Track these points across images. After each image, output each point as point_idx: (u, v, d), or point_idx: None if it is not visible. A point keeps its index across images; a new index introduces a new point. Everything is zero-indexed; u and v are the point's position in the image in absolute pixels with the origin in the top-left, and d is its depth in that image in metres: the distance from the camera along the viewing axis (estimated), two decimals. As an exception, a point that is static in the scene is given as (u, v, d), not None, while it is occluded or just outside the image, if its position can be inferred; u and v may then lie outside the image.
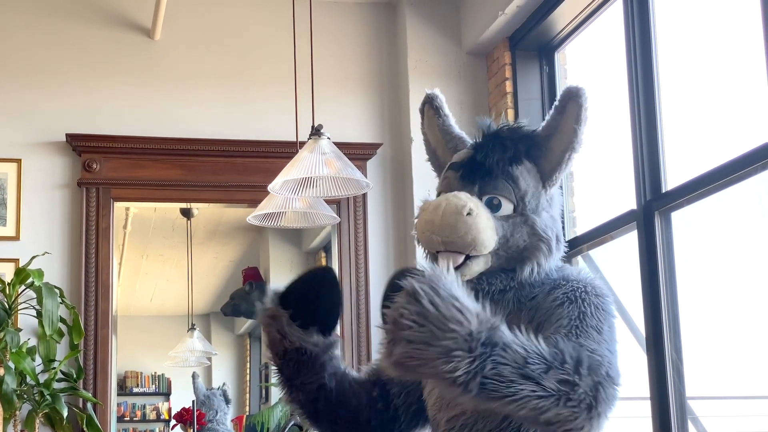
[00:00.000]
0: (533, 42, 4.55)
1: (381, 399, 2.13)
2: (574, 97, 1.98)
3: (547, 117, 2.04)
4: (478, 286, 1.98)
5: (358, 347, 4.64)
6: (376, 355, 4.63)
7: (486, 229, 1.93)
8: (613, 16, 4.07)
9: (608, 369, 1.79)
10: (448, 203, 1.93)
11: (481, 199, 1.97)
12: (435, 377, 1.71)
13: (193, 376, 5.77)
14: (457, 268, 1.93)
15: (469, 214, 1.91)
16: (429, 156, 2.21)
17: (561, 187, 2.12)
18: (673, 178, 3.64)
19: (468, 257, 1.94)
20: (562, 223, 2.10)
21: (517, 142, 2.01)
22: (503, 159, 1.99)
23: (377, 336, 4.70)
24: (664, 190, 3.65)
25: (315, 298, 2.04)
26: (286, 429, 3.00)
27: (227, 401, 5.71)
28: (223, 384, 5.86)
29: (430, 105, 2.18)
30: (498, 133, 2.03)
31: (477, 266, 1.96)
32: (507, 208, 1.98)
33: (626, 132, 3.83)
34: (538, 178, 2.01)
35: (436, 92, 2.18)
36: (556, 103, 2.01)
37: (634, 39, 3.82)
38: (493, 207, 1.98)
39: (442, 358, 1.68)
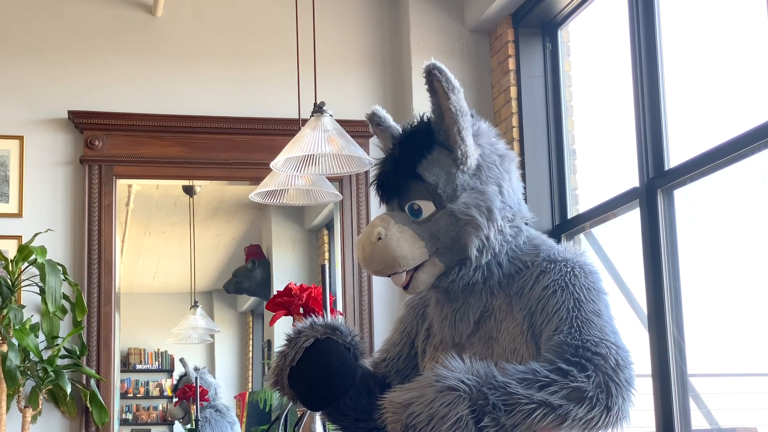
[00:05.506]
0: (536, 19, 4.53)
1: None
2: (431, 75, 1.95)
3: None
4: (440, 285, 2.01)
5: (360, 327, 4.65)
6: (377, 336, 4.64)
7: (400, 243, 1.94)
8: (617, -7, 4.05)
9: (616, 356, 1.83)
10: (363, 236, 1.99)
11: (404, 210, 1.99)
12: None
13: (182, 361, 5.80)
14: (408, 286, 1.98)
15: (379, 239, 1.95)
16: None
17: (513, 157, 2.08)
18: (675, 155, 3.64)
19: (413, 270, 1.97)
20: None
21: (406, 144, 2.02)
22: (399, 167, 2.00)
23: (379, 315, 4.72)
24: (666, 168, 3.65)
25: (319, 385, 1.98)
26: (287, 409, 3.00)
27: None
28: (204, 367, 5.88)
29: (371, 123, 2.16)
30: (395, 144, 2.06)
31: (425, 275, 1.98)
32: (428, 207, 1.98)
33: (629, 109, 3.82)
34: (450, 161, 1.98)
35: (374, 109, 2.15)
36: (426, 86, 1.98)
37: (637, 16, 3.80)
38: (415, 212, 1.98)
39: (446, 402, 1.75)
